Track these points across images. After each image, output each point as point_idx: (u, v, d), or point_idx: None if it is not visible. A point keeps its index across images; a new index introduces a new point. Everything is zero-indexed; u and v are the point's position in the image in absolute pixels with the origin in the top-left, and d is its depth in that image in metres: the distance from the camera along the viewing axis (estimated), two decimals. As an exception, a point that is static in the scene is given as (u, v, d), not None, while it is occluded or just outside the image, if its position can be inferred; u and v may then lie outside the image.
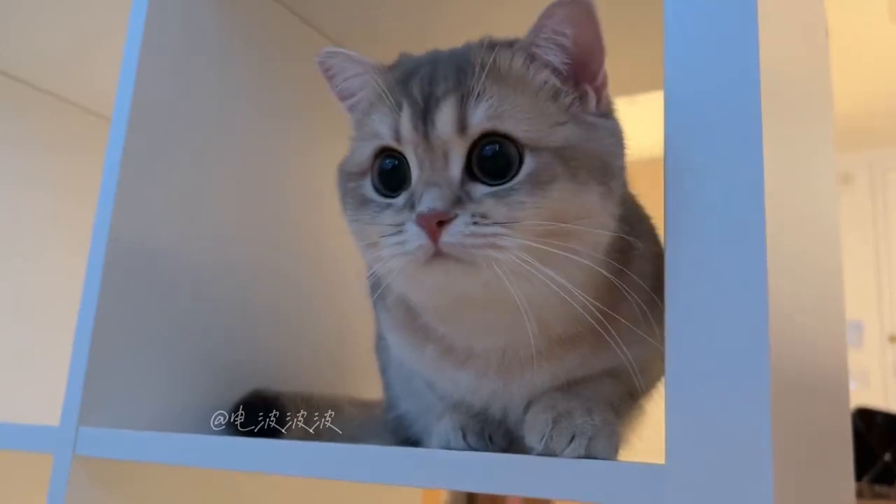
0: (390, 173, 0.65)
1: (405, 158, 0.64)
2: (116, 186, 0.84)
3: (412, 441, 0.83)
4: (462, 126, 0.62)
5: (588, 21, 0.63)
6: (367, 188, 0.66)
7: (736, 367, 0.50)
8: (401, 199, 0.63)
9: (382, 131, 0.65)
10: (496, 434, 0.69)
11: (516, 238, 0.58)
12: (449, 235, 0.58)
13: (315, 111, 1.09)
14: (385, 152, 0.65)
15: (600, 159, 0.63)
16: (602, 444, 0.59)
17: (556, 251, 0.59)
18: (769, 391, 0.48)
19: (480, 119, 0.62)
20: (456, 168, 0.62)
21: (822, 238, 0.81)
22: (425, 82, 0.65)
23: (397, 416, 0.86)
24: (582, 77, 0.66)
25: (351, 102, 0.72)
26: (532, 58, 0.65)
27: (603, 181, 0.63)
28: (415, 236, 0.59)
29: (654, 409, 0.75)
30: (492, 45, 0.66)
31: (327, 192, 0.72)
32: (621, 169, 0.66)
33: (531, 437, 0.61)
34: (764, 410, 0.48)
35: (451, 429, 0.68)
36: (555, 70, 0.65)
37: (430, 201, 0.59)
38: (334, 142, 0.74)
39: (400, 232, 0.60)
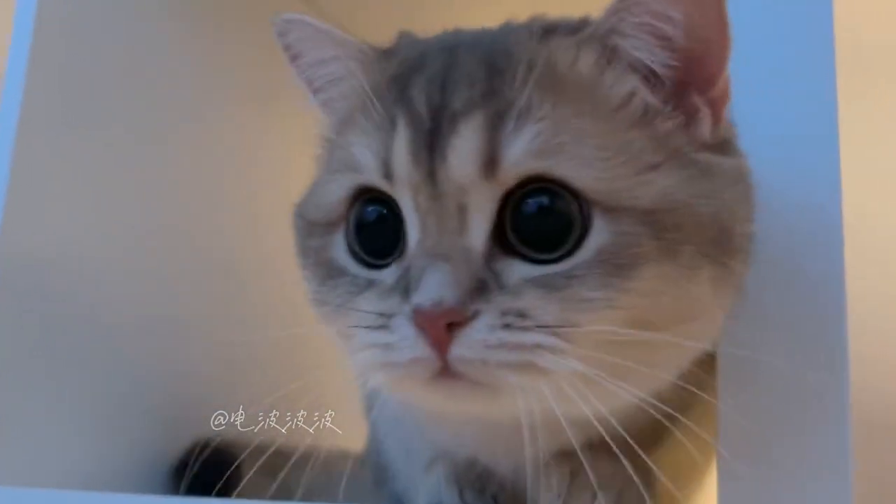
0: (375, 229, 0.47)
1: (399, 208, 0.46)
2: (6, 195, 0.73)
3: (397, 497, 0.70)
4: (491, 163, 0.43)
5: None
6: (339, 250, 0.48)
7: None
8: (389, 274, 0.46)
9: (364, 161, 0.46)
10: (501, 494, 0.54)
11: (568, 357, 0.41)
12: (464, 347, 0.41)
13: (258, 88, 0.94)
14: (366, 194, 0.47)
15: (718, 225, 0.44)
16: (633, 498, 0.47)
17: (630, 364, 0.42)
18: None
19: (521, 153, 0.43)
20: (478, 232, 0.43)
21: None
22: (435, 86, 0.46)
23: (381, 466, 0.72)
24: (691, 85, 0.46)
25: (324, 98, 0.53)
26: (612, 54, 0.46)
27: (721, 260, 0.44)
28: (408, 342, 0.42)
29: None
30: (546, 32, 0.48)
31: (274, 189, 0.58)
32: (749, 238, 0.47)
33: (544, 498, 0.48)
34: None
35: (443, 483, 0.55)
36: (650, 76, 0.46)
37: (434, 288, 0.41)
38: (289, 128, 0.62)
39: (384, 328, 0.43)
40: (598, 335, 0.41)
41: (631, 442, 0.44)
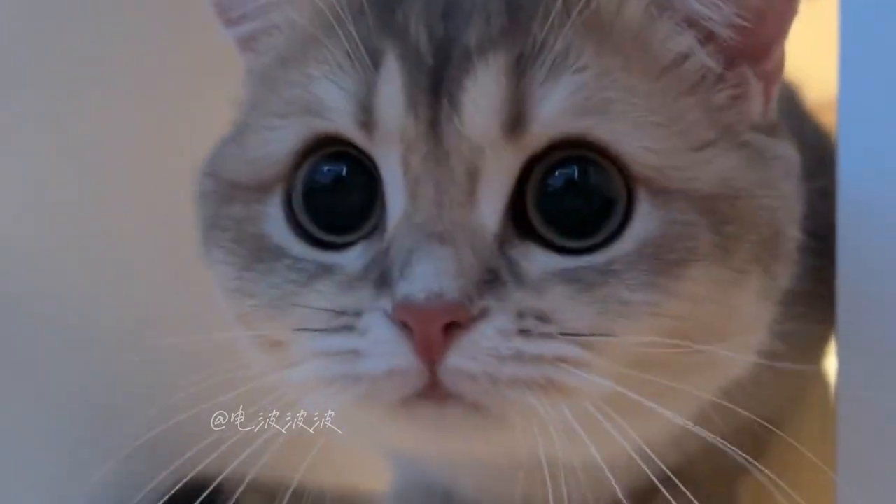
0: (332, 195, 0.38)
1: (373, 166, 0.37)
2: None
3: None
4: (517, 119, 0.35)
5: None
6: (273, 223, 0.38)
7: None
8: (354, 258, 0.36)
9: (332, 102, 0.37)
10: None
11: (598, 373, 0.34)
12: (465, 356, 0.32)
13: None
14: (324, 148, 0.38)
15: (774, 223, 0.39)
16: None
17: (664, 383, 0.35)
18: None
19: (558, 109, 0.35)
20: (491, 206, 0.35)
21: None
22: (435, 13, 0.38)
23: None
24: (745, 53, 0.40)
25: (245, 31, 0.43)
26: (666, 1, 0.39)
27: (770, 267, 0.39)
28: (385, 348, 0.33)
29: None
30: None
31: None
32: (797, 246, 0.41)
33: None
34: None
35: None
36: (707, 36, 0.39)
37: (429, 275, 0.32)
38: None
39: (347, 330, 0.34)
40: (632, 349, 0.34)
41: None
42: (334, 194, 0.37)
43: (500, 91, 0.35)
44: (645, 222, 0.36)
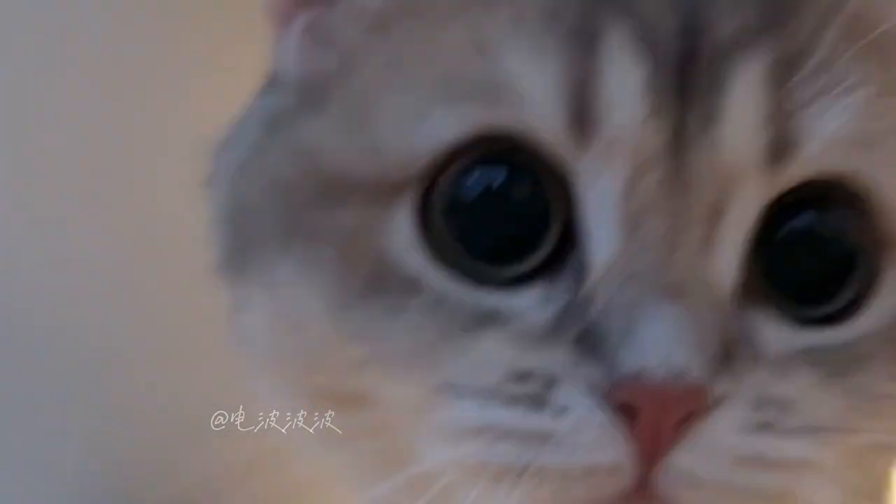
0: (487, 209, 0.27)
1: (553, 180, 0.27)
2: None
3: None
4: (781, 144, 0.26)
5: None
6: (404, 238, 0.28)
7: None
8: (535, 302, 0.27)
9: (535, 89, 0.26)
10: None
11: (831, 478, 0.27)
12: (697, 454, 0.25)
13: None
14: (485, 144, 0.27)
15: None
16: None
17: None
18: None
19: (830, 137, 0.27)
20: (729, 255, 0.27)
21: None
22: None
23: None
24: None
25: None
26: None
27: None
28: (594, 434, 0.25)
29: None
30: None
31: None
32: None
33: None
34: None
35: None
36: None
37: (666, 343, 0.24)
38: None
39: (536, 403, 0.25)
40: (856, 446, 0.27)
41: None
42: (489, 211, 0.28)
43: (766, 105, 0.27)
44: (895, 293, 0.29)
